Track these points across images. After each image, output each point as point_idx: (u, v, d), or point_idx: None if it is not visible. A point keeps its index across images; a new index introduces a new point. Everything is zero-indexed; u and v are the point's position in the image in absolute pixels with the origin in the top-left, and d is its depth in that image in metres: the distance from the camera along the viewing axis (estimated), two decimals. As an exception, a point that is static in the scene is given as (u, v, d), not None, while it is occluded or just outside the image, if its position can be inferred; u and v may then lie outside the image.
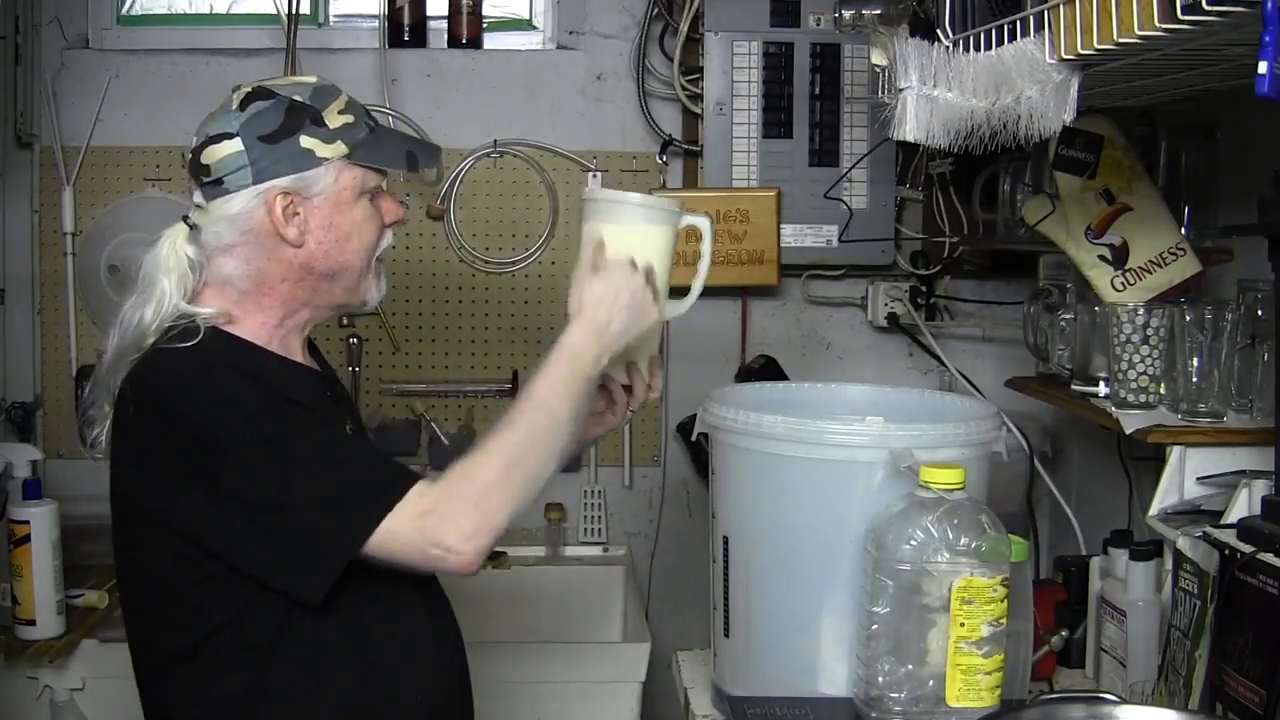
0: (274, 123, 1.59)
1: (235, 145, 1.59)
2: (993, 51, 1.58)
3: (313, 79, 1.68)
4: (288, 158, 1.59)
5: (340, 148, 1.62)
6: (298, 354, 1.71)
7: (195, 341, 1.58)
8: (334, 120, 1.62)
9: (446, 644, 1.73)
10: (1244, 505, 1.67)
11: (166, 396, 1.57)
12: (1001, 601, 1.55)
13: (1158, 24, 1.26)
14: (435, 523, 1.50)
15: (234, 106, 1.62)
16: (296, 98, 1.62)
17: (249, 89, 1.64)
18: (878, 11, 1.92)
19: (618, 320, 1.62)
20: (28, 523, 2.39)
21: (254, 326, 1.65)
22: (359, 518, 1.51)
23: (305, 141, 1.60)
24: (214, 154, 1.60)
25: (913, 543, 1.55)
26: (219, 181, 1.60)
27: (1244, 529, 1.55)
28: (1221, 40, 1.34)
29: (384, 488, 1.52)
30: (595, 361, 1.61)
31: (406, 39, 3.00)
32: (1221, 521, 1.67)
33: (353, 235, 1.65)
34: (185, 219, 1.65)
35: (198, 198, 1.64)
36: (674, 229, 1.71)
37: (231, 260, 1.63)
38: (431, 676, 1.69)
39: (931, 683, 1.56)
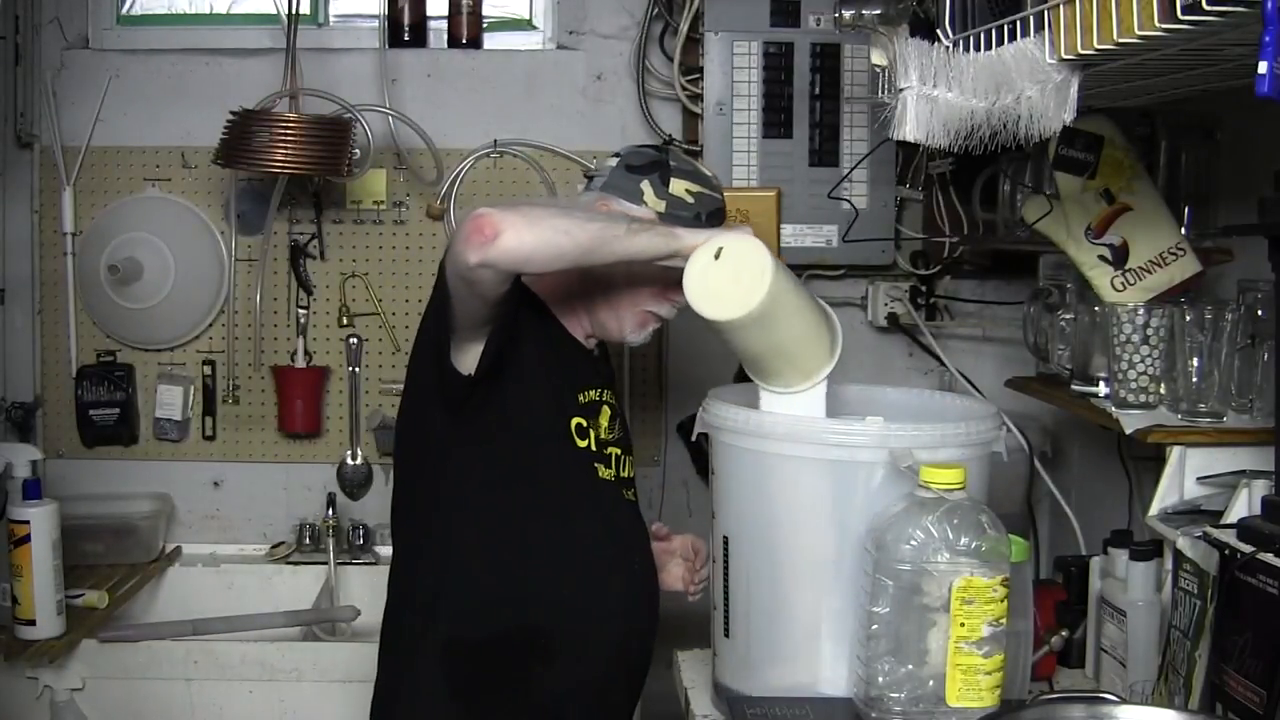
0: (641, 160, 1.99)
1: (613, 161, 2.02)
2: (993, 51, 1.58)
3: (715, 192, 2.00)
4: (626, 186, 1.97)
5: (660, 205, 1.95)
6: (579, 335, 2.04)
7: None
8: (677, 189, 1.96)
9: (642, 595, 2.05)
10: (1244, 505, 1.68)
11: None
12: (1001, 601, 1.55)
13: (1158, 24, 1.26)
14: (485, 214, 1.69)
15: (644, 145, 2.08)
16: (673, 163, 1.98)
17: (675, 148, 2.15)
18: (878, 11, 1.91)
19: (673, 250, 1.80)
20: (28, 523, 2.40)
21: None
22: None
23: (643, 184, 1.96)
24: (602, 162, 2.05)
25: (913, 543, 1.55)
26: (590, 178, 2.05)
27: (1244, 529, 1.55)
28: (1221, 40, 1.34)
29: None
30: (631, 245, 1.76)
31: (406, 39, 3.00)
32: (1221, 521, 1.67)
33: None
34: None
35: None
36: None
37: None
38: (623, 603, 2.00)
39: (931, 683, 1.56)
